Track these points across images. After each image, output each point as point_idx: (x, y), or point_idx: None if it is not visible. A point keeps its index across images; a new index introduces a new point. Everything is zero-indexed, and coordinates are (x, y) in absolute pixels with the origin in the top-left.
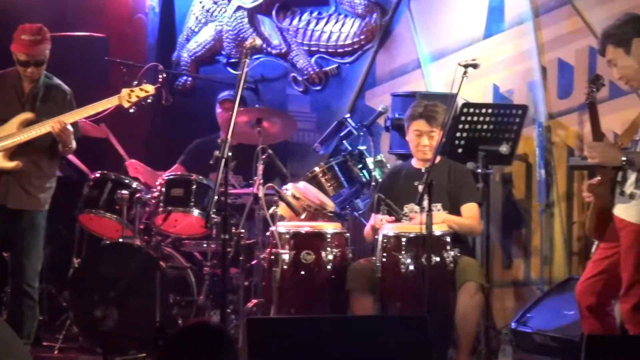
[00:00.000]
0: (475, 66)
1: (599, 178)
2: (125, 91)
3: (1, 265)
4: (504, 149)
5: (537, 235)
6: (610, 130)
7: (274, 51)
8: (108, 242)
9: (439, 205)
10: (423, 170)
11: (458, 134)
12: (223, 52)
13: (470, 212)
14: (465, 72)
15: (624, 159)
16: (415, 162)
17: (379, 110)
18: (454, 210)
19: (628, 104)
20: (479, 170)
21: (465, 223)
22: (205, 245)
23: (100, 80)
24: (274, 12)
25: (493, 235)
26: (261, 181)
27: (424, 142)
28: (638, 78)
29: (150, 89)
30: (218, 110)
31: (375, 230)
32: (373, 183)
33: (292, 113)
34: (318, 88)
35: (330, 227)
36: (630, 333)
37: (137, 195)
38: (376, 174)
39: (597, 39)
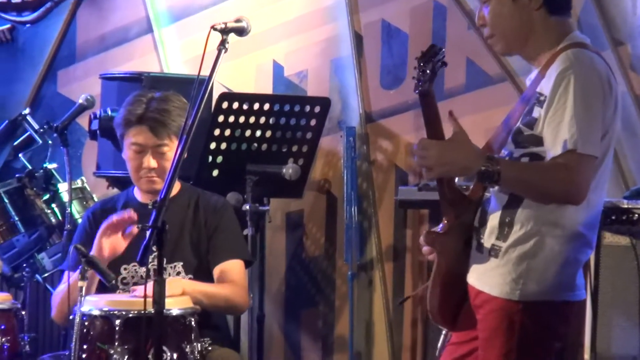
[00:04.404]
0: (241, 31)
1: (445, 221)
2: None
3: None
4: (290, 171)
5: (343, 316)
6: None
7: None
8: None
9: (178, 266)
10: (150, 207)
11: (213, 146)
12: None
13: (230, 275)
14: (224, 42)
15: (483, 168)
16: (139, 194)
17: (79, 104)
18: (204, 272)
19: (497, 98)
20: (247, 207)
21: (222, 294)
22: None
23: None
24: None
25: (270, 316)
26: None
27: (148, 163)
28: (508, 38)
29: None
30: None
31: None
32: (68, 226)
33: None
34: None
35: None
36: None
37: None
38: (74, 210)
39: None
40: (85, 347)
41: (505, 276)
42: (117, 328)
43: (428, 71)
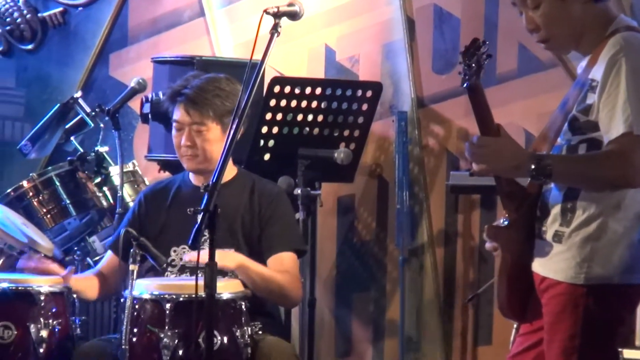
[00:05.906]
0: (293, 15)
1: (506, 214)
2: None
3: None
4: (341, 155)
5: (394, 301)
6: (518, 127)
7: None
8: None
9: (230, 252)
10: (202, 190)
11: (264, 129)
12: None
13: (284, 267)
14: (277, 26)
15: (533, 166)
16: (193, 176)
17: (131, 87)
18: (255, 260)
19: (549, 84)
20: (299, 191)
21: (277, 279)
22: None
23: None
24: None
25: (321, 302)
26: None
27: (185, 141)
28: (565, 38)
29: None
30: None
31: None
32: (119, 209)
33: None
34: (30, 47)
35: (44, 283)
36: None
37: None
38: (125, 194)
39: None
40: (135, 330)
41: (570, 261)
42: (167, 312)
43: (473, 65)
